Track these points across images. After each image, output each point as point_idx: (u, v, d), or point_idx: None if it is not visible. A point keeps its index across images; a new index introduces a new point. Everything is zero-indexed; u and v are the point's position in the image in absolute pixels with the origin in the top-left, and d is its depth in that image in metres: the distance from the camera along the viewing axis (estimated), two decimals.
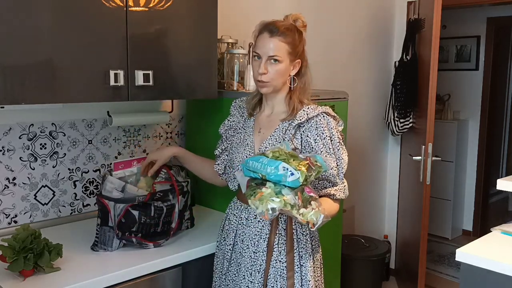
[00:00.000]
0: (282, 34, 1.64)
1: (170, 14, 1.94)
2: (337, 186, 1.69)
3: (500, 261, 1.71)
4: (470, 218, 5.29)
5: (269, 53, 1.65)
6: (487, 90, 5.10)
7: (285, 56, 1.65)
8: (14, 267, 1.53)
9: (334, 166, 1.67)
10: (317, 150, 1.66)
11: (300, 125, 1.68)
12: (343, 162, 1.70)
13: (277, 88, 1.70)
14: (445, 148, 4.97)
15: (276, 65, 1.65)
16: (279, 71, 1.66)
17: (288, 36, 1.65)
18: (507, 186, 2.00)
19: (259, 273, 1.68)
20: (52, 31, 1.64)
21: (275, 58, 1.65)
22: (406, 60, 3.62)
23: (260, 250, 1.68)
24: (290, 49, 1.65)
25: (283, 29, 1.65)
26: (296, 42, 1.67)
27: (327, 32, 3.34)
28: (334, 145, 1.69)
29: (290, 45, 1.65)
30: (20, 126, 1.98)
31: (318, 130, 1.67)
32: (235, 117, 1.88)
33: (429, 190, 3.15)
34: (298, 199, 1.43)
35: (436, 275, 4.25)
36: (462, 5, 4.06)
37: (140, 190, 1.86)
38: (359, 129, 3.69)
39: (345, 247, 3.14)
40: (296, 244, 1.69)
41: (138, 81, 1.86)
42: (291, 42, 1.65)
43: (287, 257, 1.67)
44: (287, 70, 1.68)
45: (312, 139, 1.67)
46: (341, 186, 1.70)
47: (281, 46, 1.64)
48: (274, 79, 1.67)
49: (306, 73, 1.74)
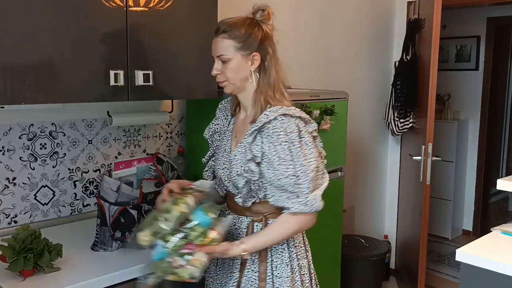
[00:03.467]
0: (225, 31, 1.57)
1: (170, 14, 1.94)
2: (299, 198, 1.52)
3: (500, 261, 1.71)
4: (470, 218, 5.29)
5: (216, 53, 1.60)
6: (487, 90, 5.10)
7: (233, 52, 1.57)
8: (14, 267, 1.53)
9: (291, 174, 1.51)
10: (270, 158, 1.52)
11: (261, 129, 1.55)
12: (305, 169, 1.52)
13: (238, 85, 1.62)
14: (445, 148, 4.97)
15: (227, 64, 1.58)
16: (230, 69, 1.58)
17: (234, 31, 1.57)
18: (507, 186, 2.00)
19: (231, 280, 1.64)
20: (52, 31, 1.64)
21: (221, 56, 1.59)
22: (406, 60, 3.62)
23: (236, 258, 1.63)
24: (238, 43, 1.56)
25: (227, 26, 1.58)
26: (246, 35, 1.57)
27: (327, 32, 3.33)
28: (292, 151, 1.51)
29: (237, 39, 1.56)
30: (20, 126, 1.98)
31: (273, 135, 1.52)
32: (220, 120, 1.81)
33: (429, 190, 3.15)
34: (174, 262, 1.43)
35: (436, 275, 4.25)
36: (462, 5, 4.05)
37: (134, 190, 1.86)
38: (359, 129, 3.70)
39: (345, 247, 3.14)
40: (269, 254, 1.61)
41: (138, 81, 1.86)
42: (238, 36, 1.56)
43: (259, 267, 1.61)
44: (242, 66, 1.59)
45: (267, 146, 1.53)
46: (303, 199, 1.52)
47: (225, 44, 1.57)
48: (230, 78, 1.60)
49: (271, 66, 1.61)
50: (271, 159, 1.52)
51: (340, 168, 2.57)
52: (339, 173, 2.57)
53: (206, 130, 1.85)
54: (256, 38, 1.58)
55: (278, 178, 1.52)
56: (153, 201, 1.85)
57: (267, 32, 1.61)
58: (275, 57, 1.63)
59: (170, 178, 2.00)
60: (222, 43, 1.58)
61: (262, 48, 1.60)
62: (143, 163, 2.04)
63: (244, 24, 1.59)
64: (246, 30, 1.58)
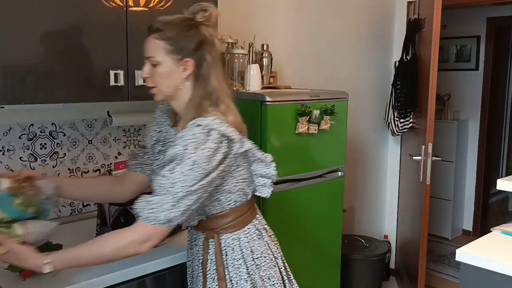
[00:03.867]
0: (158, 30, 1.40)
1: (170, 14, 1.94)
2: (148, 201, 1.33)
3: (500, 261, 1.71)
4: (470, 218, 5.29)
5: (146, 54, 1.43)
6: (487, 90, 5.10)
7: (163, 56, 1.40)
8: (14, 267, 1.53)
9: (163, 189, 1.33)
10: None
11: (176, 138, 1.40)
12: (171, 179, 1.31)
13: (169, 93, 1.45)
14: (445, 148, 4.97)
15: (156, 68, 1.42)
16: (159, 74, 1.42)
17: (167, 31, 1.40)
18: (507, 186, 2.00)
19: None
20: (52, 31, 1.64)
21: (151, 59, 1.42)
22: (406, 60, 3.62)
23: (198, 275, 1.58)
24: (170, 45, 1.39)
25: (161, 24, 1.41)
26: (179, 37, 1.40)
27: (327, 32, 3.33)
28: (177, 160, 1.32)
29: (169, 41, 1.39)
30: (20, 126, 1.98)
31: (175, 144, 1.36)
32: (163, 126, 1.61)
33: (429, 190, 3.15)
34: None
35: (436, 275, 4.25)
36: (462, 5, 4.06)
37: None
38: (359, 129, 3.70)
39: (345, 247, 3.14)
40: (226, 271, 1.51)
41: (138, 81, 1.86)
42: (171, 37, 1.39)
43: (218, 284, 1.52)
44: (172, 72, 1.41)
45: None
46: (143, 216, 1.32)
47: (156, 45, 1.40)
48: (159, 84, 1.43)
49: (208, 74, 1.43)
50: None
51: (340, 168, 2.57)
52: (339, 173, 2.57)
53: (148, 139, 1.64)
54: (191, 41, 1.41)
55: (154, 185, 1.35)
56: None
57: (206, 36, 1.43)
58: (215, 64, 1.45)
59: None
60: (153, 44, 1.42)
61: (198, 53, 1.42)
62: None
63: (179, 24, 1.42)
64: (179, 31, 1.41)
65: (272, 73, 2.65)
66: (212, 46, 1.45)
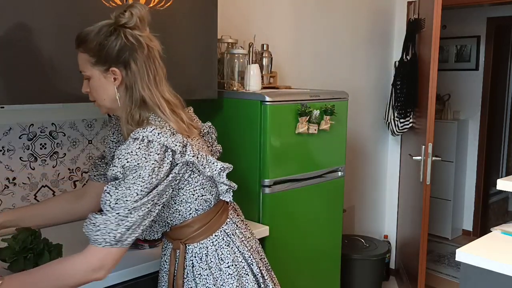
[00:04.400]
0: (80, 44, 1.35)
1: (170, 14, 1.94)
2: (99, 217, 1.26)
3: (500, 261, 1.71)
4: (470, 218, 5.29)
5: (79, 69, 1.39)
6: (487, 90, 5.10)
7: (90, 69, 1.35)
8: (14, 267, 1.53)
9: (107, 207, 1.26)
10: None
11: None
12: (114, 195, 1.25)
13: (108, 106, 1.39)
14: (445, 148, 4.97)
15: (89, 82, 1.38)
16: (92, 87, 1.38)
17: (87, 43, 1.33)
18: (507, 186, 2.00)
19: None
20: (52, 31, 1.64)
21: (83, 73, 1.38)
22: (406, 60, 3.62)
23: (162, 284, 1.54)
24: (92, 57, 1.33)
25: (82, 36, 1.35)
26: (101, 46, 1.32)
27: (327, 32, 3.33)
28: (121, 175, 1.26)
29: (91, 52, 1.33)
30: (20, 126, 1.98)
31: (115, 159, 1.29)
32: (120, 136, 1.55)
33: (429, 190, 3.15)
34: None
35: (436, 275, 4.25)
36: (462, 5, 4.06)
37: None
38: (359, 129, 3.70)
39: (345, 247, 3.14)
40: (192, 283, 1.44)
41: None
42: (92, 48, 1.33)
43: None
44: (103, 85, 1.35)
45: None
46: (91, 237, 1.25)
47: (81, 58, 1.36)
48: (96, 98, 1.39)
49: (134, 82, 1.34)
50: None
51: (340, 168, 2.57)
52: (339, 173, 2.57)
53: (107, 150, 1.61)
54: (112, 49, 1.32)
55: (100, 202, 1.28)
56: None
57: (129, 40, 1.33)
58: (145, 69, 1.35)
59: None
60: (80, 59, 1.37)
61: (122, 60, 1.33)
62: None
63: (99, 33, 1.33)
64: (99, 40, 1.32)
65: (272, 73, 2.65)
66: (136, 50, 1.34)
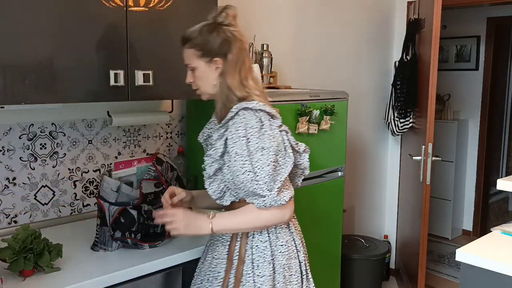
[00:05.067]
0: (186, 40, 1.63)
1: (170, 14, 1.94)
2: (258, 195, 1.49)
3: (500, 261, 1.71)
4: (470, 218, 5.29)
5: (184, 62, 1.66)
6: (487, 90, 5.10)
7: (196, 61, 1.62)
8: (14, 267, 1.53)
9: (247, 170, 1.48)
10: (230, 153, 1.52)
11: (225, 125, 1.57)
12: (262, 164, 1.48)
13: (211, 92, 1.64)
14: (445, 148, 4.97)
15: (194, 72, 1.64)
16: (197, 77, 1.64)
17: (194, 39, 1.61)
18: (507, 186, 2.00)
19: (216, 280, 1.63)
20: (52, 31, 1.64)
21: (188, 66, 1.65)
22: (406, 60, 3.62)
23: (219, 257, 1.64)
24: (199, 51, 1.61)
25: (188, 35, 1.63)
26: (205, 41, 1.60)
27: (327, 32, 3.34)
28: (250, 146, 1.49)
29: (198, 47, 1.60)
30: (20, 126, 1.98)
31: (232, 129, 1.53)
32: (213, 124, 1.77)
33: (429, 190, 3.15)
34: None
35: (436, 275, 4.25)
36: (462, 5, 4.06)
37: (134, 190, 1.86)
38: (359, 129, 3.70)
39: (345, 247, 3.14)
40: (250, 252, 1.59)
41: (138, 81, 1.86)
42: (199, 43, 1.60)
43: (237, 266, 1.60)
44: (207, 73, 1.62)
45: (229, 142, 1.53)
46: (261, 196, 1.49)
47: (188, 53, 1.63)
48: (200, 85, 1.65)
49: (232, 69, 1.60)
50: (230, 155, 1.52)
51: (340, 168, 2.58)
52: (339, 173, 2.57)
53: (200, 134, 1.81)
54: (214, 43, 1.59)
55: (236, 175, 1.51)
56: (153, 201, 1.85)
57: (227, 35, 1.60)
58: (239, 59, 1.61)
59: (170, 178, 2.00)
60: (186, 53, 1.64)
61: (222, 52, 1.60)
62: (143, 163, 2.04)
63: (202, 31, 1.61)
64: (203, 37, 1.60)
65: (272, 73, 2.65)
66: (233, 43, 1.60)
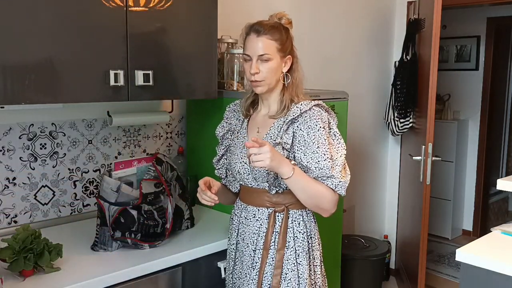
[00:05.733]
0: (268, 32, 1.65)
1: (170, 14, 1.94)
2: (332, 179, 1.63)
3: (500, 261, 1.71)
4: (470, 218, 5.29)
5: (258, 52, 1.65)
6: (487, 90, 5.10)
7: (275, 54, 1.66)
8: (14, 267, 1.53)
9: (328, 157, 1.62)
10: (309, 142, 1.62)
11: (294, 120, 1.66)
12: (338, 156, 1.66)
13: (271, 86, 1.70)
14: (445, 148, 4.97)
15: (267, 63, 1.66)
16: (270, 69, 1.67)
17: (275, 34, 1.66)
18: (507, 186, 2.00)
19: (254, 270, 1.70)
20: (52, 31, 1.64)
21: (265, 56, 1.65)
22: (406, 60, 3.62)
23: (258, 248, 1.71)
24: (279, 45, 1.67)
25: (269, 27, 1.66)
26: (283, 39, 1.68)
27: (327, 32, 3.33)
28: (331, 136, 1.67)
29: (278, 41, 1.66)
30: (20, 126, 1.98)
31: (311, 122, 1.64)
32: (232, 120, 1.87)
33: (429, 190, 3.15)
34: None
35: (436, 275, 4.25)
36: (462, 5, 4.06)
37: (134, 190, 1.86)
38: (359, 129, 3.69)
39: (345, 247, 3.14)
40: (292, 242, 1.69)
41: (138, 81, 1.86)
42: (279, 39, 1.66)
43: (276, 255, 1.68)
44: (279, 67, 1.69)
45: (305, 132, 1.64)
46: (336, 181, 1.63)
47: (269, 44, 1.65)
48: (268, 78, 1.67)
49: (297, 68, 1.75)
50: (309, 144, 1.62)
51: None
52: None
53: (220, 129, 1.89)
54: (290, 42, 1.72)
55: (317, 161, 1.61)
56: (153, 201, 1.85)
57: (292, 37, 1.73)
58: (297, 59, 1.76)
59: (170, 178, 2.00)
60: (266, 43, 1.65)
61: (292, 52, 1.73)
62: (143, 163, 2.04)
63: (281, 28, 1.69)
64: (284, 33, 1.69)
65: None
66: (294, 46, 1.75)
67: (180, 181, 2.06)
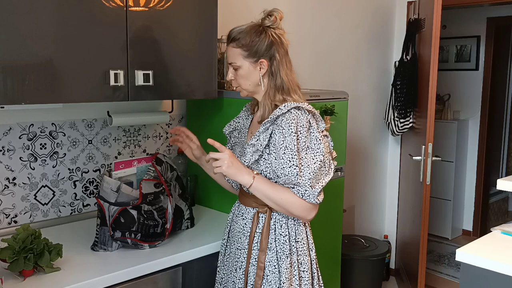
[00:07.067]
0: (234, 40, 1.67)
1: (170, 14, 1.94)
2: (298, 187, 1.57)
3: (500, 261, 1.71)
4: (470, 218, 5.29)
5: (228, 60, 1.71)
6: (487, 90, 5.10)
7: (242, 61, 1.67)
8: (14, 267, 1.53)
9: (294, 164, 1.56)
10: (278, 147, 1.58)
11: (274, 122, 1.62)
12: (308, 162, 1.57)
13: (251, 90, 1.71)
14: (445, 148, 4.97)
15: (238, 71, 1.69)
16: (240, 75, 1.69)
17: (241, 40, 1.66)
18: (507, 186, 2.00)
19: (240, 270, 1.72)
20: (52, 31, 1.64)
21: (233, 65, 1.69)
22: (406, 60, 3.62)
23: (242, 248, 1.72)
24: (245, 51, 1.66)
25: (236, 34, 1.67)
26: (253, 43, 1.65)
27: (327, 32, 3.34)
28: (300, 142, 1.57)
29: (244, 48, 1.65)
30: (20, 126, 1.98)
31: (284, 126, 1.58)
32: (241, 119, 1.89)
33: (429, 190, 3.15)
34: None
35: (436, 275, 4.25)
36: (462, 5, 4.05)
37: (134, 190, 1.86)
38: (359, 129, 3.70)
39: (345, 247, 3.14)
40: (274, 244, 1.67)
41: (138, 81, 1.86)
42: (245, 45, 1.65)
43: (259, 255, 1.67)
44: (251, 73, 1.68)
45: (277, 136, 1.59)
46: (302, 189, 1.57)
47: (234, 52, 1.68)
48: (241, 84, 1.70)
49: (278, 71, 1.67)
50: (279, 148, 1.58)
51: (340, 168, 2.57)
52: (339, 173, 2.57)
53: (227, 126, 1.92)
54: (262, 45, 1.65)
55: (282, 167, 1.58)
56: (153, 201, 1.85)
57: (274, 38, 1.67)
58: (284, 61, 1.68)
59: (169, 178, 2.00)
60: (231, 52, 1.68)
61: (269, 54, 1.66)
62: (143, 163, 2.04)
63: (250, 32, 1.66)
64: (251, 38, 1.65)
65: None
66: (279, 45, 1.67)
67: (180, 181, 2.07)
